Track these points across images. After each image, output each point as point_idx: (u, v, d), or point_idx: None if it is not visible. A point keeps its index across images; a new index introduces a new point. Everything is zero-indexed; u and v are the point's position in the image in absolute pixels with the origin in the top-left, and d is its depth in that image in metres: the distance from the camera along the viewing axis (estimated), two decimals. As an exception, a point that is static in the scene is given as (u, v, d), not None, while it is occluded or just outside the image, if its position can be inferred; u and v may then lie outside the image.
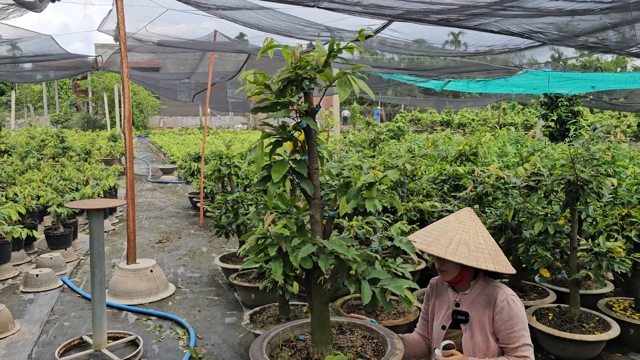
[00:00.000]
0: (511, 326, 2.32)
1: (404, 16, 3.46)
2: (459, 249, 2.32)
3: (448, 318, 2.49)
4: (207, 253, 7.28)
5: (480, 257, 2.30)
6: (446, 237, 2.38)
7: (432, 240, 2.41)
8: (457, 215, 2.49)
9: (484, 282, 2.47)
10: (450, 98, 24.57)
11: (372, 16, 3.65)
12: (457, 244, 2.34)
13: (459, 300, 2.47)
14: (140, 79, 13.32)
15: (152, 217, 9.88)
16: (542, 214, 4.15)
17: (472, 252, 2.31)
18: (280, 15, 5.19)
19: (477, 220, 2.47)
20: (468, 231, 2.40)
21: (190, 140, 23.53)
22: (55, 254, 6.41)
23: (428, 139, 6.07)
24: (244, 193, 5.69)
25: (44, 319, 4.91)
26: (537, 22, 3.35)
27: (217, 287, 5.85)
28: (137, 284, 5.44)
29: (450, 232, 2.39)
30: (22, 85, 43.00)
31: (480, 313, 2.39)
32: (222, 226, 5.88)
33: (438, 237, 2.40)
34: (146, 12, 6.01)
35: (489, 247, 2.36)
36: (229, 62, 11.74)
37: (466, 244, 2.34)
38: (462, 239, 2.36)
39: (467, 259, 2.28)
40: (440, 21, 3.44)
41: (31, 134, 15.44)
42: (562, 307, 4.30)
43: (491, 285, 2.44)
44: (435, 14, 3.26)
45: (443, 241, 2.37)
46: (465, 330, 2.41)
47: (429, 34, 5.06)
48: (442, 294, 2.61)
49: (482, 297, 2.41)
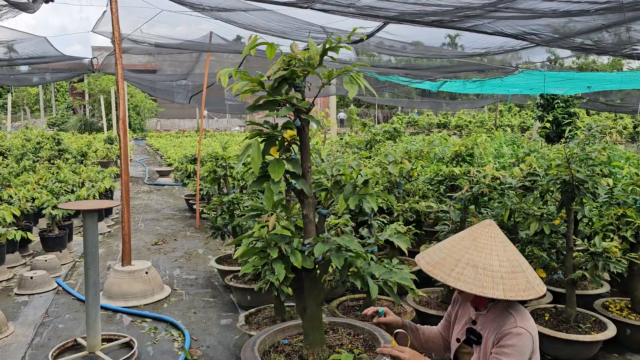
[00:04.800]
0: (503, 353, 2.09)
1: (398, 18, 3.44)
2: (464, 273, 2.07)
3: (463, 333, 2.38)
4: (203, 255, 7.25)
5: (487, 282, 2.04)
6: (454, 257, 2.14)
7: (439, 260, 2.18)
8: (474, 229, 2.24)
9: (502, 304, 2.22)
10: (447, 100, 24.60)
11: (367, 18, 3.63)
12: (463, 267, 2.09)
13: (476, 319, 2.32)
14: (136, 80, 13.30)
15: (149, 219, 9.84)
16: (538, 214, 4.15)
17: (478, 277, 2.05)
18: (276, 16, 5.18)
19: (495, 237, 2.19)
20: (480, 251, 2.12)
21: (187, 143, 23.47)
22: (50, 256, 6.37)
23: (425, 140, 6.07)
24: (239, 194, 5.67)
25: (38, 321, 4.88)
26: (531, 23, 3.33)
27: (213, 288, 5.82)
28: (132, 286, 5.41)
29: (459, 252, 2.15)
30: (19, 88, 42.91)
31: (489, 338, 2.22)
32: (218, 228, 5.85)
33: (446, 257, 2.17)
34: (141, 13, 5.99)
35: (503, 270, 2.08)
36: (226, 64, 11.74)
37: (474, 267, 2.08)
38: (470, 260, 2.10)
39: (470, 285, 2.04)
40: (434, 22, 3.43)
41: (27, 136, 15.37)
42: (559, 307, 4.29)
43: (508, 310, 2.19)
44: (429, 15, 3.25)
45: (449, 263, 2.13)
46: (475, 351, 2.29)
47: (425, 35, 5.04)
48: (466, 304, 2.45)
49: (496, 322, 2.21)
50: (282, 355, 2.38)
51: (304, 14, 5.30)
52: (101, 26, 6.58)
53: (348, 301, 4.59)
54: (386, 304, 4.56)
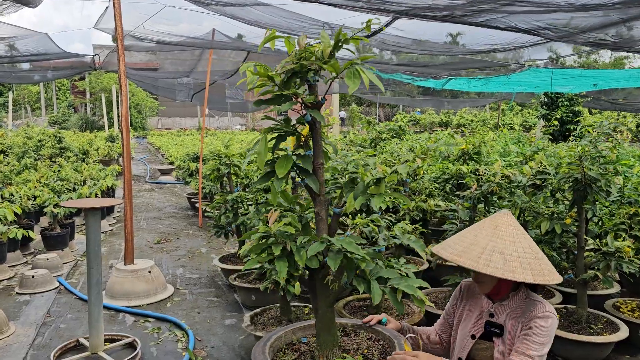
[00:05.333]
0: (533, 334, 2.11)
1: (408, 12, 3.35)
2: (492, 259, 2.06)
3: (479, 328, 2.32)
4: (206, 254, 7.18)
5: (517, 268, 2.03)
6: (479, 245, 2.13)
7: (464, 249, 2.15)
8: (493, 219, 2.24)
9: (524, 293, 2.26)
10: (448, 99, 24.47)
11: (376, 12, 3.55)
12: (490, 253, 2.08)
13: (494, 311, 2.28)
14: (138, 78, 13.22)
15: (151, 217, 9.78)
16: (548, 213, 4.07)
17: (507, 263, 2.04)
18: (281, 12, 5.10)
19: (515, 225, 2.21)
20: (504, 238, 2.13)
21: (188, 142, 23.41)
22: (52, 255, 6.31)
23: (430, 138, 6.00)
24: (243, 192, 5.60)
25: (39, 321, 4.82)
26: (545, 18, 3.24)
27: (216, 288, 5.76)
28: (135, 285, 5.35)
29: (483, 240, 2.14)
30: (20, 87, 42.87)
31: (515, 326, 2.21)
32: (221, 226, 5.79)
33: (470, 246, 2.14)
34: (144, 9, 5.92)
35: (528, 256, 2.09)
36: (228, 62, 11.66)
37: (501, 253, 2.07)
38: (496, 247, 2.09)
39: (501, 270, 2.03)
40: (446, 17, 3.34)
41: (28, 134, 15.31)
42: (569, 308, 4.22)
43: (531, 298, 2.24)
44: (440, 9, 3.16)
45: (475, 250, 2.11)
46: (497, 344, 2.24)
47: (431, 31, 4.96)
48: (475, 299, 2.42)
49: (520, 310, 2.21)
50: (296, 353, 2.31)
51: (309, 10, 5.23)
52: (103, 22, 6.50)
53: (355, 301, 4.52)
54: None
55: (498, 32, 3.83)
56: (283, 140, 2.20)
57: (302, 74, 2.15)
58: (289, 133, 2.18)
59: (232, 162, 5.73)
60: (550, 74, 7.58)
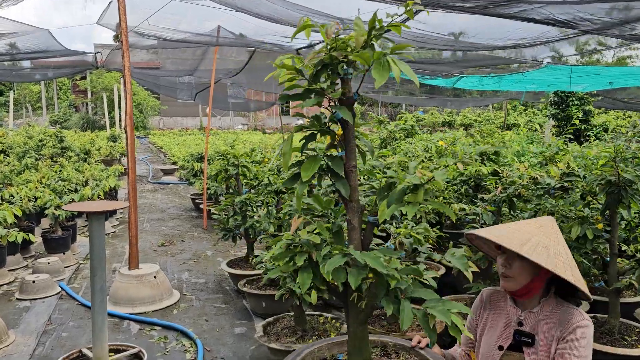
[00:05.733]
0: (575, 347, 1.95)
1: (437, 4, 3.13)
2: (537, 250, 1.93)
3: (507, 337, 2.13)
4: (212, 257, 6.97)
5: (559, 265, 1.92)
6: (523, 234, 2.00)
7: (506, 234, 2.02)
8: (537, 219, 2.14)
9: (555, 301, 2.09)
10: (451, 98, 24.18)
11: (401, 3, 3.32)
12: (535, 244, 1.96)
13: (523, 319, 2.10)
14: (140, 76, 13.02)
15: (154, 219, 9.57)
16: (578, 216, 3.85)
17: (551, 258, 1.92)
18: (294, 6, 4.88)
19: (558, 230, 2.11)
20: (549, 236, 2.01)
21: (190, 141, 23.20)
22: (53, 259, 6.10)
23: (445, 138, 5.80)
24: (252, 194, 5.38)
25: (40, 329, 4.60)
26: (589, 8, 3.01)
27: (224, 293, 5.54)
28: (139, 291, 5.13)
29: (527, 232, 2.02)
30: (21, 86, 42.70)
31: (549, 336, 2.03)
32: (228, 229, 5.58)
33: (513, 232, 2.02)
34: (149, 3, 5.70)
35: (569, 260, 1.99)
36: (230, 61, 11.46)
37: (545, 248, 1.96)
38: (541, 242, 1.97)
39: (545, 261, 1.90)
40: (477, 7, 3.12)
41: (29, 133, 15.10)
42: (599, 317, 3.99)
43: (565, 305, 2.06)
44: (472, 0, 2.94)
45: (519, 237, 1.98)
46: (528, 355, 2.05)
47: (459, 24, 4.73)
48: (499, 307, 2.23)
49: (554, 318, 2.04)
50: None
51: (322, 5, 5.01)
52: (106, 18, 6.29)
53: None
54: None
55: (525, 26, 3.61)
56: (313, 139, 1.98)
57: (333, 66, 1.93)
58: (321, 132, 1.95)
59: (240, 163, 5.51)
60: (568, 71, 7.36)
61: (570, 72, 7.36)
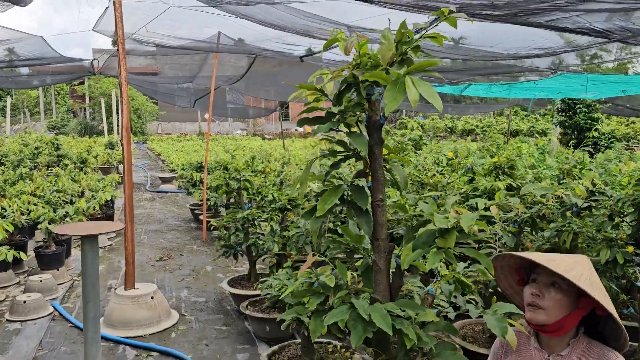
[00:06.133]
0: None
1: (461, 10, 2.87)
2: (581, 279, 1.73)
3: None
4: (212, 273, 6.69)
5: (602, 297, 1.72)
6: (566, 262, 1.80)
7: (549, 258, 1.82)
8: (570, 255, 1.92)
9: (586, 341, 1.84)
10: (451, 104, 24.00)
11: (421, 11, 3.07)
12: (579, 274, 1.76)
13: None
14: (138, 82, 12.77)
15: (152, 230, 9.28)
16: (606, 238, 3.58)
17: (595, 289, 1.73)
18: (297, 12, 4.63)
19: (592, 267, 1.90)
20: (590, 271, 1.82)
21: (189, 147, 22.94)
22: (46, 276, 5.81)
23: (457, 150, 5.54)
24: (255, 210, 5.11)
25: (30, 354, 4.32)
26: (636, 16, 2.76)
27: (225, 314, 5.26)
28: (135, 313, 4.85)
29: (569, 262, 1.82)
30: (19, 91, 42.45)
31: None
32: (230, 246, 5.31)
33: (555, 258, 1.82)
34: (147, 9, 5.45)
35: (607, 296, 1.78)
36: (229, 67, 11.23)
37: (588, 279, 1.76)
38: (584, 273, 1.78)
39: (591, 290, 1.71)
40: (506, 16, 2.86)
41: (25, 141, 14.83)
42: (632, 345, 3.72)
43: (596, 347, 1.81)
44: (500, 7, 2.68)
45: (563, 264, 1.79)
46: None
47: (476, 34, 4.47)
48: (521, 350, 1.96)
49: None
50: None
51: (330, 9, 4.76)
52: (102, 24, 6.03)
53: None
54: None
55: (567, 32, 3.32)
56: (337, 167, 1.72)
57: (357, 85, 1.67)
58: (348, 157, 1.70)
59: (243, 177, 5.24)
60: (584, 79, 7.11)
61: (586, 80, 7.12)
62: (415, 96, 1.53)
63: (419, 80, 1.56)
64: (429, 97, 1.56)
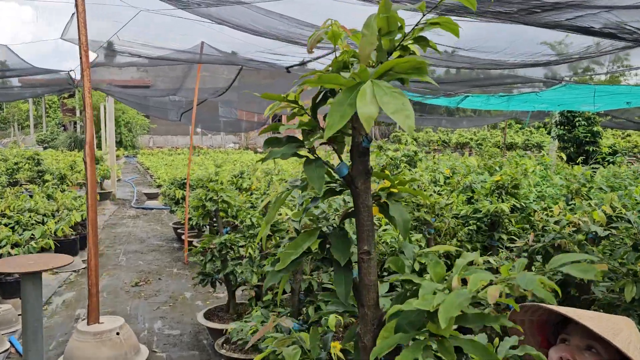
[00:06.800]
0: None
1: (468, 11, 2.44)
2: (630, 347, 1.46)
3: None
4: (190, 300, 6.17)
5: None
6: (610, 322, 1.52)
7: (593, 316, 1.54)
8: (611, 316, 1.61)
9: None
10: (445, 117, 23.64)
11: (416, 10, 2.63)
12: (627, 339, 1.48)
13: None
14: (123, 96, 12.31)
15: (131, 251, 8.75)
16: (630, 271, 3.12)
17: None
18: (278, 16, 4.19)
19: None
20: (638, 336, 1.52)
21: (179, 161, 22.42)
22: (6, 307, 5.29)
23: (453, 167, 5.10)
24: (233, 235, 4.62)
25: (-26, 403, 3.79)
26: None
27: (200, 350, 4.75)
28: (98, 352, 4.32)
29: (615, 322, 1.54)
30: (10, 104, 41.92)
31: None
32: (207, 274, 4.81)
33: (594, 317, 1.53)
34: (116, 15, 4.99)
35: None
36: (220, 79, 10.81)
37: (636, 347, 1.48)
38: (632, 339, 1.50)
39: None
40: (520, 12, 2.42)
41: (4, 156, 14.30)
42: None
43: None
44: (513, 4, 2.25)
45: (607, 324, 1.50)
46: None
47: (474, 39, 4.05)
48: None
49: None
50: None
51: (310, 14, 4.32)
52: (71, 32, 5.57)
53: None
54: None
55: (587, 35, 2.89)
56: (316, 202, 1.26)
57: (334, 95, 1.21)
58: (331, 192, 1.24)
59: (220, 198, 4.75)
60: (591, 90, 6.70)
61: (593, 91, 6.70)
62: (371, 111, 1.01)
63: (389, 87, 1.04)
64: (394, 113, 1.01)
